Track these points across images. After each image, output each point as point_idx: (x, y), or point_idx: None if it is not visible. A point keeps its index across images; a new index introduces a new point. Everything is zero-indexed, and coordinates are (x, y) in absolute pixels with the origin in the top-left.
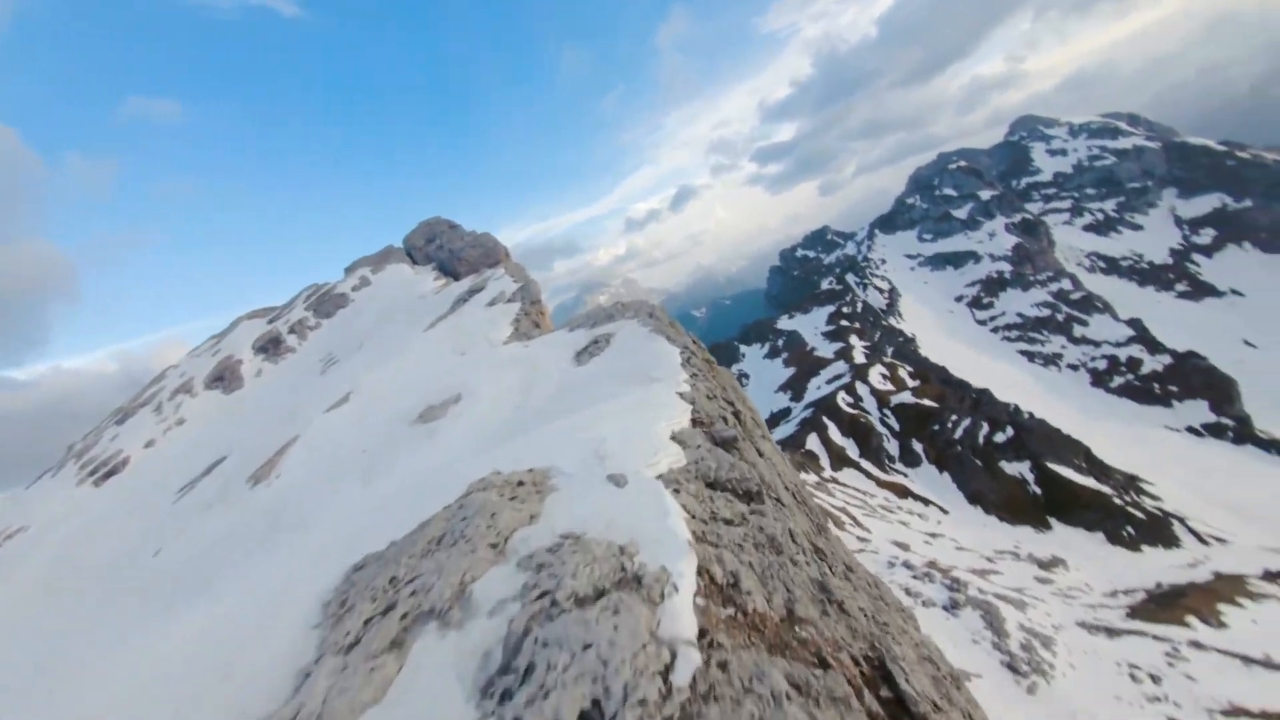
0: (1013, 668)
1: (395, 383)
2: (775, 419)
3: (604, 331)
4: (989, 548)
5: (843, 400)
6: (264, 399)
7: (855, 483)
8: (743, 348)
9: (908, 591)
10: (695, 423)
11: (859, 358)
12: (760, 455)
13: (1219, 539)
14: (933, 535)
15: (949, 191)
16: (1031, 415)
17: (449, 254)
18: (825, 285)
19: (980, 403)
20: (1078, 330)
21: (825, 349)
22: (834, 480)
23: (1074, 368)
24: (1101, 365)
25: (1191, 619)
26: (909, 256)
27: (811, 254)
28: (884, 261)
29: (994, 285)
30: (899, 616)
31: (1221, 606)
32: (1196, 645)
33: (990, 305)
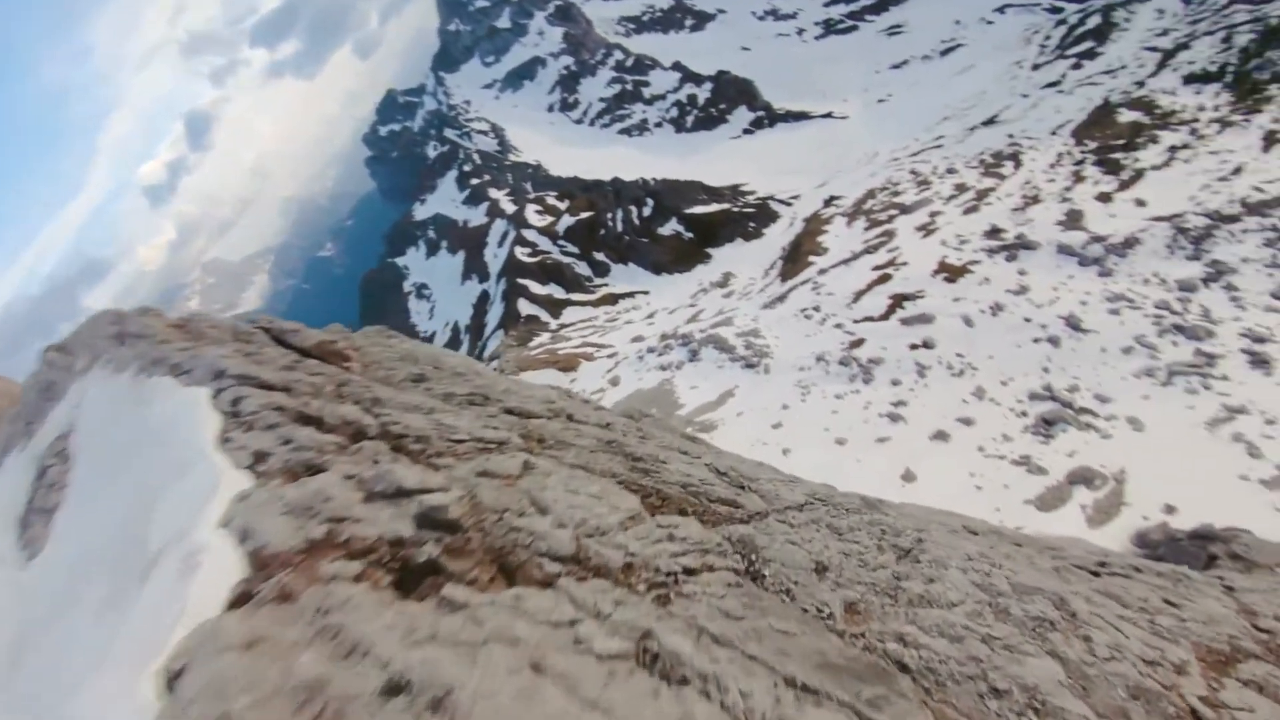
0: (750, 365)
1: None
2: (480, 309)
3: (50, 437)
4: (686, 298)
5: (521, 254)
6: None
7: (577, 317)
8: (400, 262)
9: (662, 368)
10: None
11: (508, 208)
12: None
13: (794, 197)
14: (650, 316)
15: (481, 3)
16: (655, 180)
17: None
18: (432, 153)
19: (618, 192)
20: (646, 92)
21: (475, 216)
22: (562, 326)
23: (659, 125)
24: (674, 113)
25: (810, 257)
26: (486, 88)
27: (396, 127)
28: (469, 103)
29: (569, 82)
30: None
31: (819, 240)
32: (821, 271)
33: (576, 103)
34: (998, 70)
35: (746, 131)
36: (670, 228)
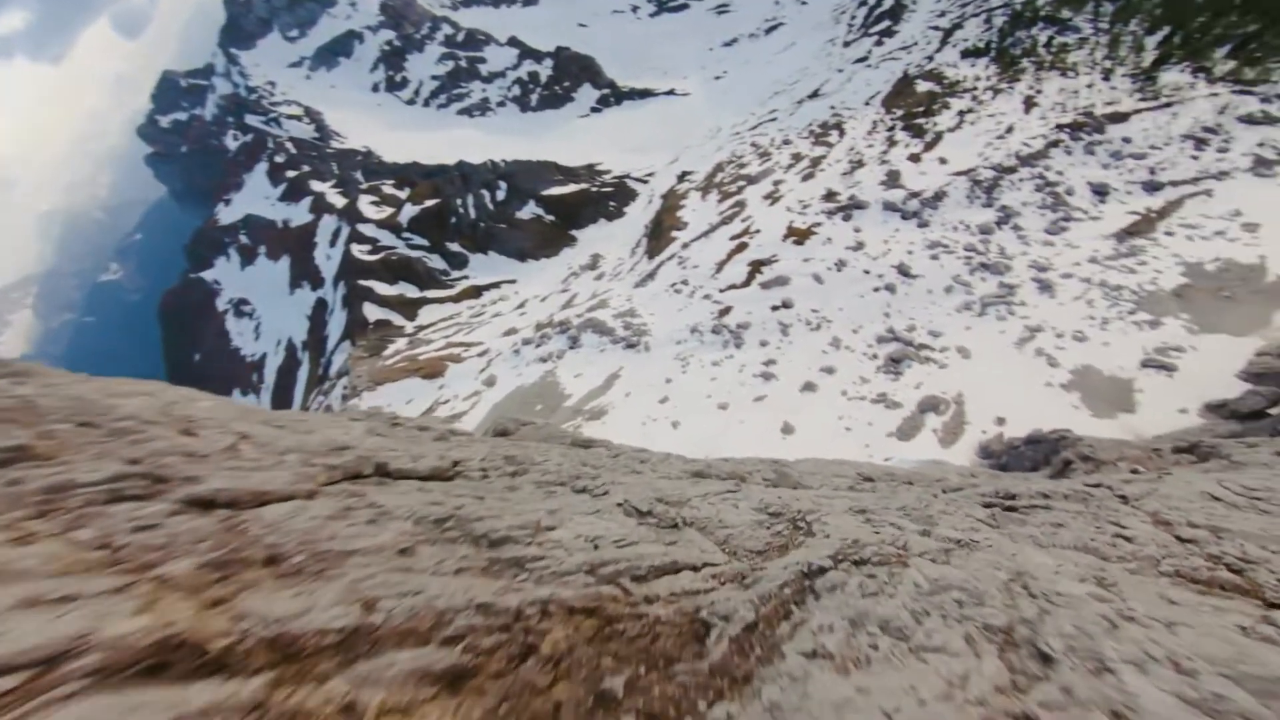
0: (630, 345)
1: None
2: (318, 321)
3: None
4: (556, 283)
5: (359, 252)
6: None
7: (437, 316)
8: (208, 276)
9: (542, 360)
10: None
11: (337, 201)
12: None
13: (650, 174)
14: (520, 307)
15: None
16: (506, 161)
17: None
18: (233, 144)
19: (466, 176)
20: (483, 69)
21: (297, 214)
22: (420, 328)
23: (502, 104)
24: (517, 91)
25: (673, 233)
26: (294, 66)
27: (180, 116)
28: (273, 84)
29: (393, 59)
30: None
31: (679, 215)
32: (684, 245)
33: (405, 81)
34: (815, 48)
35: (594, 109)
36: (529, 211)
